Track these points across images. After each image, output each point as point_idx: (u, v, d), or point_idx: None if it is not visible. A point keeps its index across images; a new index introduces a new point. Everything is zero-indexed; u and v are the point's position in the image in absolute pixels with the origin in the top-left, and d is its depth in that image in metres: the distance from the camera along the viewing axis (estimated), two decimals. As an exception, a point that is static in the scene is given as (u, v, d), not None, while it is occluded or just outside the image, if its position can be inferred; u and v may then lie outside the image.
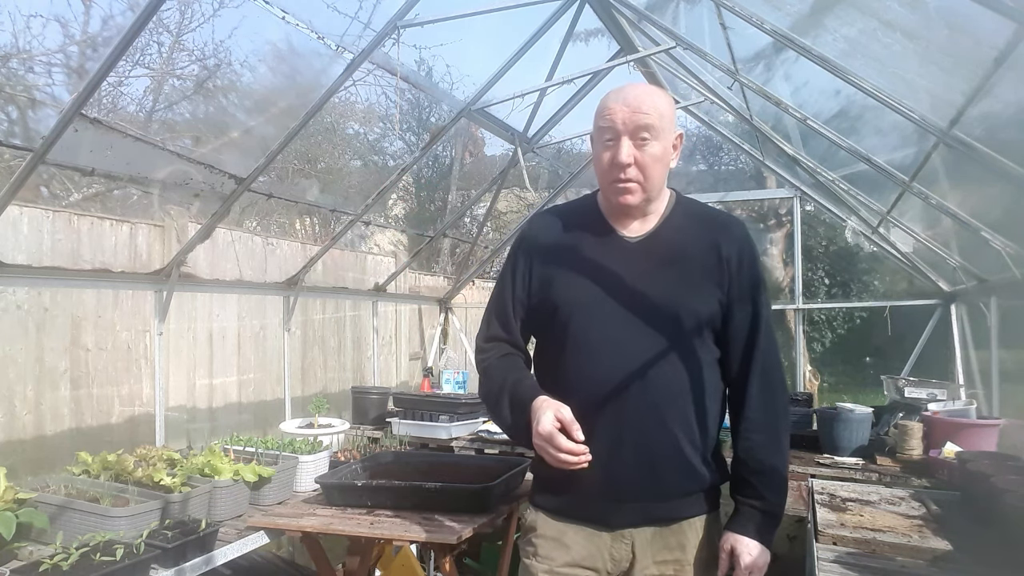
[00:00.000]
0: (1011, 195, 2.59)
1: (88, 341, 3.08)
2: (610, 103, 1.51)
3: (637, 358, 1.48)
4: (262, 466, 2.52)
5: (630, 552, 1.50)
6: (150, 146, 2.83)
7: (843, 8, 2.43)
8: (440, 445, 3.58)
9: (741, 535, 1.51)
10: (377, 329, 4.97)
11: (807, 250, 8.40)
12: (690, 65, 3.99)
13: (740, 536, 1.51)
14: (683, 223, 1.60)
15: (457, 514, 2.25)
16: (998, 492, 1.99)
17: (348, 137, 9.15)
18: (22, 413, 2.80)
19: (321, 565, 2.49)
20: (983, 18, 1.76)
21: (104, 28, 5.12)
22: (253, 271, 3.95)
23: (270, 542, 2.36)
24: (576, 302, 1.53)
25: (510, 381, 1.56)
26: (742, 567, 1.49)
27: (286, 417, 3.84)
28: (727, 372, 1.58)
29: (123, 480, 2.32)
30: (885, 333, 4.96)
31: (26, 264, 2.64)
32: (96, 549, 1.82)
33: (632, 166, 1.49)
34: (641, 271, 1.53)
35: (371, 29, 2.86)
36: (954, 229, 3.49)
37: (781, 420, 1.58)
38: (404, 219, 10.70)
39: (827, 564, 1.78)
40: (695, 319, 1.50)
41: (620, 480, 1.48)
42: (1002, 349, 3.61)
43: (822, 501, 2.31)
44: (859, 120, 3.23)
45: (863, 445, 3.14)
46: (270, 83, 3.67)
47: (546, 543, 1.54)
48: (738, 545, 1.51)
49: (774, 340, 1.59)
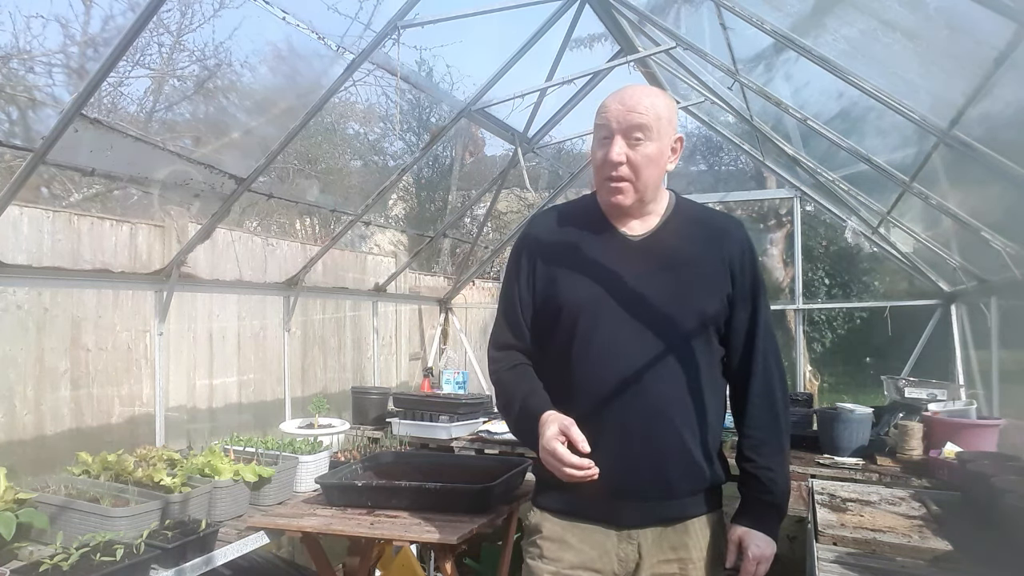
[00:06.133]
0: (1011, 195, 2.59)
1: (88, 341, 3.08)
2: (608, 102, 1.53)
3: (643, 357, 1.48)
4: (262, 466, 2.52)
5: (636, 553, 1.50)
6: (150, 146, 2.83)
7: (843, 8, 2.43)
8: (440, 445, 3.58)
9: (748, 527, 1.55)
10: (377, 329, 4.97)
11: (807, 250, 8.40)
12: (690, 65, 3.99)
13: (747, 528, 1.55)
14: (684, 223, 1.61)
15: (457, 514, 2.25)
16: (998, 492, 1.99)
17: (348, 137, 9.15)
18: (22, 413, 2.80)
19: (321, 565, 2.49)
20: (983, 18, 1.76)
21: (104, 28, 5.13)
22: (253, 271, 3.95)
23: (270, 542, 2.36)
24: (581, 302, 1.53)
25: (521, 394, 1.58)
26: (750, 558, 1.52)
27: (286, 417, 3.84)
28: (728, 370, 1.61)
29: (123, 480, 2.32)
30: (885, 333, 4.95)
31: (26, 264, 2.64)
32: (96, 549, 1.82)
33: (624, 165, 1.50)
34: (645, 271, 1.54)
35: (371, 30, 2.87)
36: (954, 229, 3.49)
37: (782, 417, 1.60)
38: (404, 219, 10.70)
39: (827, 564, 1.78)
40: (700, 318, 1.51)
41: (628, 479, 1.48)
42: (1002, 349, 3.61)
43: (822, 501, 2.31)
44: (859, 120, 3.23)
45: (863, 445, 3.14)
46: (270, 83, 3.68)
47: (552, 544, 1.54)
48: (746, 537, 1.54)
49: (774, 338, 1.61)
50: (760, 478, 1.55)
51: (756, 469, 1.56)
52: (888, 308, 4.95)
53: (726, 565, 1.57)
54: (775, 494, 1.56)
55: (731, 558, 1.56)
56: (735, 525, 1.58)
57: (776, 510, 1.57)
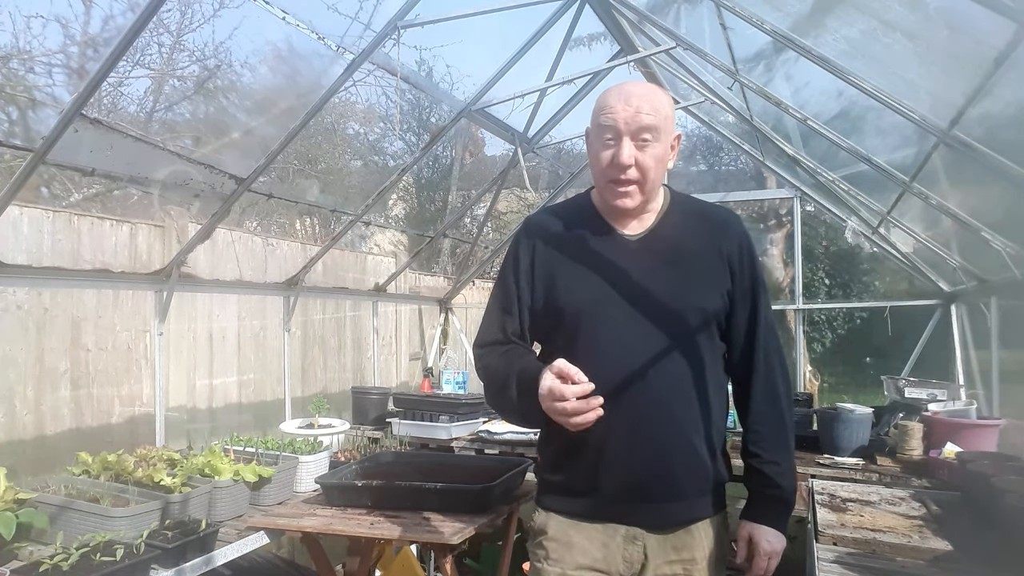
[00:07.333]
0: (1011, 195, 2.59)
1: (88, 341, 3.07)
2: (612, 101, 1.49)
3: (646, 356, 1.47)
4: (262, 466, 2.52)
5: (642, 554, 1.49)
6: (150, 146, 2.83)
7: (843, 8, 2.43)
8: (440, 445, 3.58)
9: (758, 523, 1.55)
10: (377, 329, 4.97)
11: (807, 250, 8.39)
12: (690, 65, 3.99)
13: (757, 524, 1.55)
14: (681, 220, 1.60)
15: (457, 514, 2.25)
16: (998, 492, 1.98)
17: (348, 137, 9.14)
18: (22, 413, 2.80)
19: (321, 565, 2.49)
20: (983, 18, 1.76)
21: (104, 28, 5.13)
22: (253, 271, 3.95)
23: (270, 542, 2.36)
24: (583, 304, 1.52)
25: (516, 367, 1.51)
26: (762, 553, 1.51)
27: (286, 417, 3.84)
28: (730, 367, 1.60)
29: (123, 480, 2.32)
30: (885, 333, 4.96)
31: (26, 264, 2.64)
32: (96, 549, 1.82)
33: (632, 167, 1.48)
34: (645, 269, 1.52)
35: (371, 30, 2.87)
36: (954, 229, 3.49)
37: (786, 412, 1.59)
38: (404, 219, 10.69)
39: (827, 564, 1.78)
40: (702, 315, 1.50)
41: (636, 480, 1.47)
42: (1002, 349, 3.61)
43: (822, 501, 2.31)
44: (859, 120, 3.23)
45: (863, 445, 3.14)
46: (271, 83, 3.67)
47: (558, 546, 1.53)
48: (756, 532, 1.54)
49: (775, 333, 1.60)
50: (767, 473, 1.55)
51: (762, 464, 1.55)
52: (888, 308, 4.95)
53: (737, 561, 1.56)
54: (783, 488, 1.55)
55: (742, 555, 1.55)
56: (744, 521, 1.57)
57: (784, 504, 1.56)
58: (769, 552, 1.52)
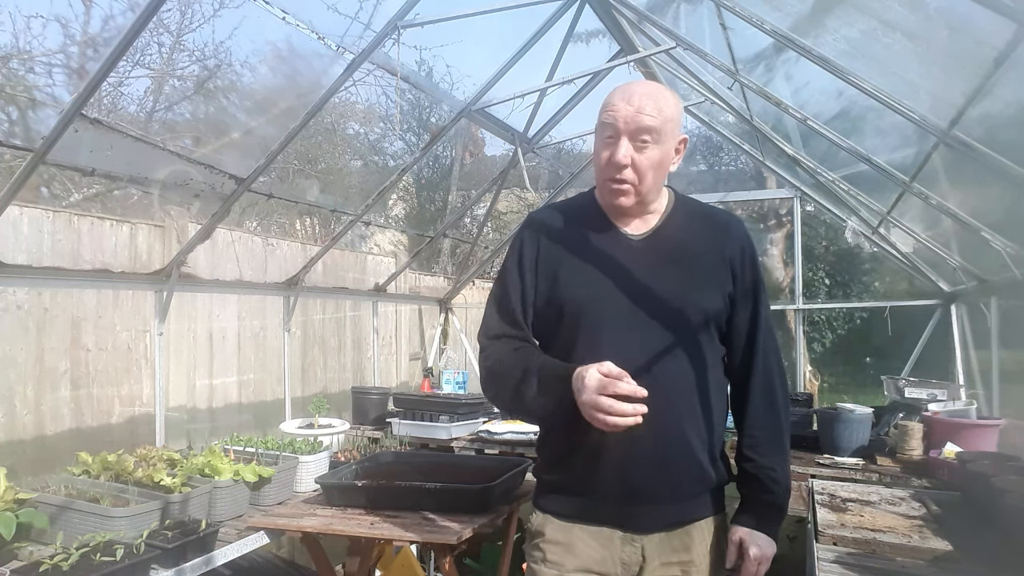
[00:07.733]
0: (1011, 195, 2.59)
1: (88, 341, 3.07)
2: (615, 100, 1.49)
3: (648, 356, 1.47)
4: (262, 466, 2.52)
5: (640, 556, 1.49)
6: (150, 146, 2.83)
7: (843, 8, 2.43)
8: (440, 445, 3.58)
9: (749, 527, 1.54)
10: (377, 329, 4.97)
11: (807, 250, 8.39)
12: (690, 65, 3.99)
13: (748, 528, 1.54)
14: (684, 221, 1.60)
15: (457, 514, 2.25)
16: (998, 492, 1.98)
17: (348, 137, 9.13)
18: (22, 413, 2.79)
19: (321, 565, 2.49)
20: (983, 18, 1.76)
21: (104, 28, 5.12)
22: (253, 271, 3.95)
23: (270, 542, 2.36)
24: (584, 301, 1.51)
25: (536, 363, 1.49)
26: (751, 558, 1.51)
27: (286, 417, 3.84)
28: (729, 369, 1.60)
29: (123, 480, 2.32)
30: (885, 333, 4.96)
31: (26, 264, 2.64)
32: (96, 549, 1.82)
33: (628, 168, 1.48)
34: (647, 269, 1.52)
35: (371, 30, 2.87)
36: (954, 229, 3.49)
37: (783, 417, 1.59)
38: (404, 219, 10.68)
39: (827, 564, 1.78)
40: (703, 316, 1.50)
41: (635, 482, 1.47)
42: (1002, 349, 3.61)
43: (822, 501, 2.31)
44: (860, 120, 3.23)
45: (863, 445, 3.14)
46: (270, 83, 3.67)
47: (555, 548, 1.52)
48: (746, 537, 1.53)
49: (774, 337, 1.61)
50: (761, 478, 1.55)
51: (757, 469, 1.55)
52: (888, 308, 4.95)
53: (727, 566, 1.56)
54: (776, 494, 1.55)
55: (731, 559, 1.55)
56: (736, 526, 1.57)
57: (777, 510, 1.57)
58: (759, 557, 1.51)
